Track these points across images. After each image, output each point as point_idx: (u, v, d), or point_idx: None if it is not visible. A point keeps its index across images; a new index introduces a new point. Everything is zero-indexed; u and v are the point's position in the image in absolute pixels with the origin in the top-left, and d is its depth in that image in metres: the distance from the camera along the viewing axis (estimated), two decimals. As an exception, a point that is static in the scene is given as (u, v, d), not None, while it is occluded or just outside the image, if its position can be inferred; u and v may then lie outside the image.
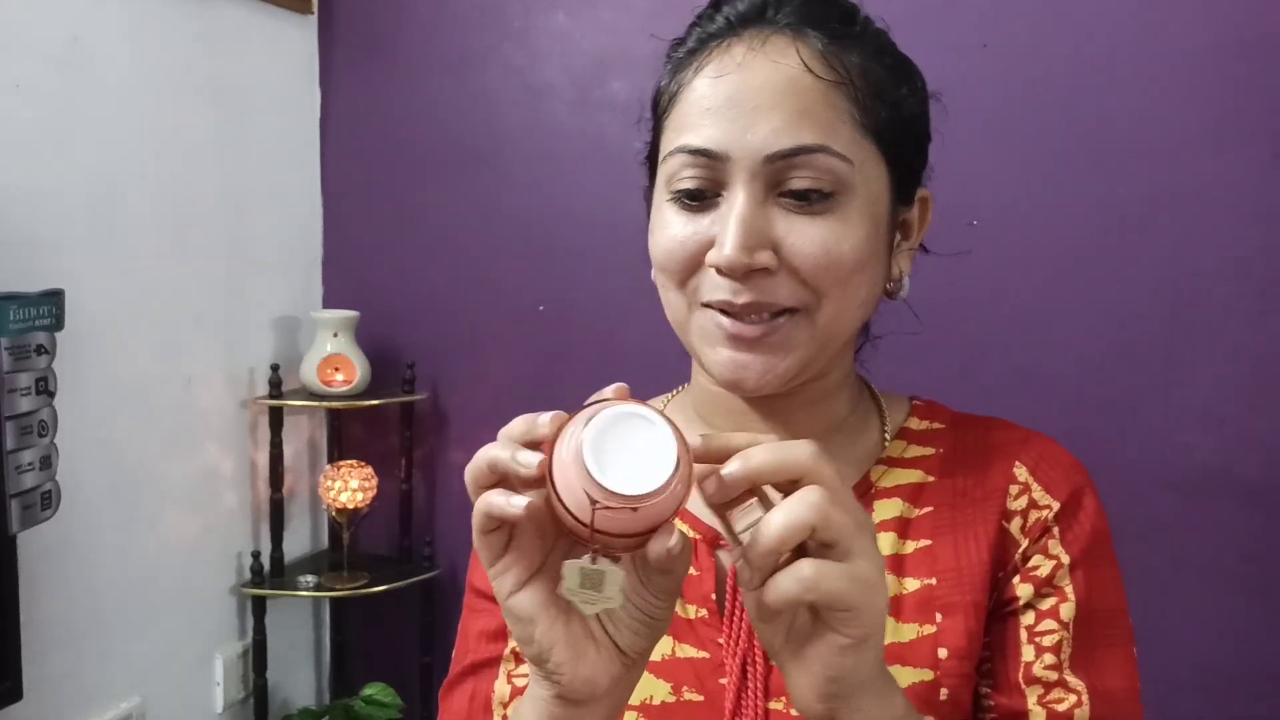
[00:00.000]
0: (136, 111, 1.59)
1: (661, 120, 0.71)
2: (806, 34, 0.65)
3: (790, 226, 0.63)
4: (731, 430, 0.71)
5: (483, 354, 1.95)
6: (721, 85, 0.65)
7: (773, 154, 0.63)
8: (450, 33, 1.93)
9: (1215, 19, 1.49)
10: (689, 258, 0.66)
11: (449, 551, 1.99)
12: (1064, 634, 0.66)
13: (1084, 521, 0.69)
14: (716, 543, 0.70)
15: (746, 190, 0.63)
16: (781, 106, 0.63)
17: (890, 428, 0.74)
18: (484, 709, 0.72)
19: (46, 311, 1.30)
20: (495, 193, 1.92)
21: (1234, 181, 1.50)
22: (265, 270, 1.90)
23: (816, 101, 0.63)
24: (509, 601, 0.53)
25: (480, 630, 0.75)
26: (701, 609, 0.69)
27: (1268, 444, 1.50)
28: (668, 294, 0.69)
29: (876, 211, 0.66)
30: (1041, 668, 0.66)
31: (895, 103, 0.67)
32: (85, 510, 1.50)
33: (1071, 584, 0.67)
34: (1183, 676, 1.54)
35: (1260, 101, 1.48)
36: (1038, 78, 1.57)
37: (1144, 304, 1.55)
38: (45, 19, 1.44)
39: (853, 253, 0.64)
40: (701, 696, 0.67)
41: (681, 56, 0.70)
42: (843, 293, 0.65)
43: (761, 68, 0.64)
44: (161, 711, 1.68)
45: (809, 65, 0.64)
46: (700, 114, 0.65)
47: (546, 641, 0.52)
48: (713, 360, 0.66)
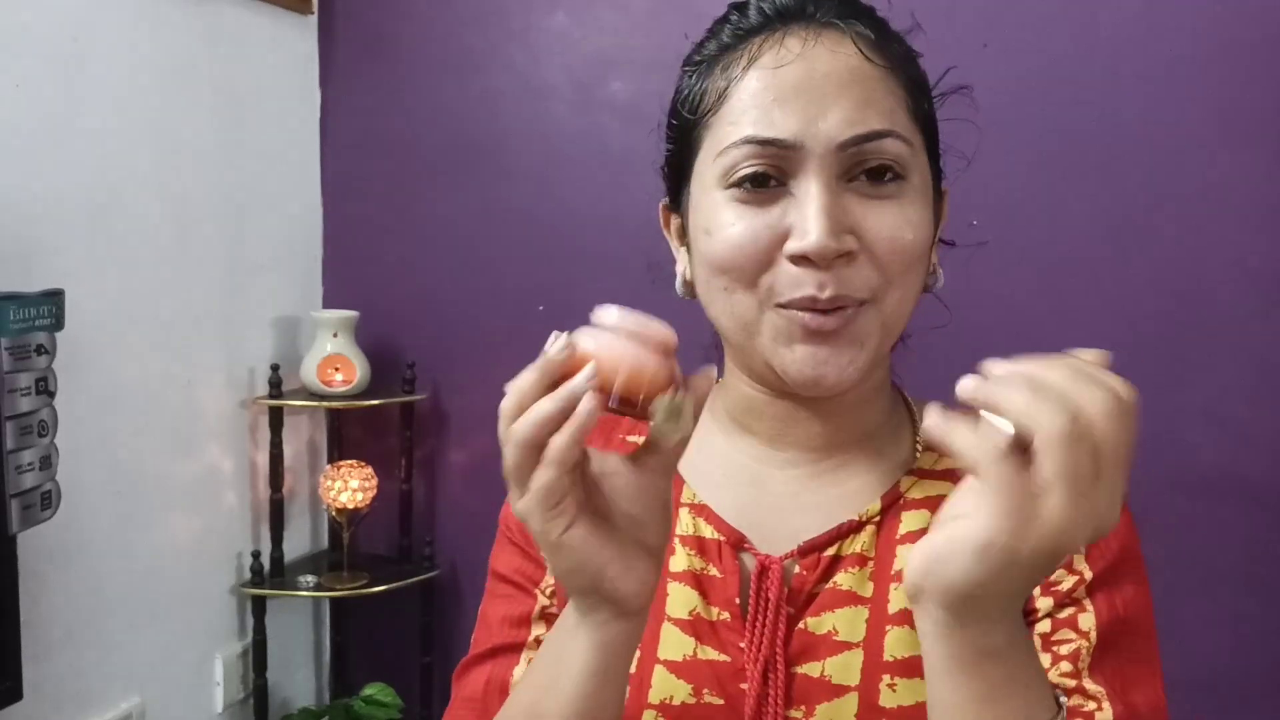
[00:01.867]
0: (136, 111, 1.59)
1: (704, 120, 0.68)
2: (854, 25, 0.66)
3: (866, 211, 0.64)
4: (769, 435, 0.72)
5: (483, 354, 1.95)
6: (782, 75, 0.64)
7: (846, 140, 0.63)
8: (450, 33, 1.93)
9: (1216, 19, 1.49)
10: (763, 251, 0.64)
11: (449, 551, 1.99)
12: (1082, 643, 0.65)
13: (1110, 539, 0.68)
14: (741, 545, 0.70)
15: (819, 180, 0.63)
16: (848, 95, 0.63)
17: (924, 437, 0.73)
18: (499, 692, 0.71)
19: (46, 311, 1.30)
20: (496, 193, 1.92)
21: (1237, 182, 1.50)
22: (265, 270, 1.90)
23: (878, 88, 0.64)
24: (563, 538, 0.54)
25: (504, 615, 0.74)
26: (724, 612, 0.69)
27: (1272, 444, 1.50)
28: (732, 297, 0.66)
29: (928, 198, 0.67)
30: (1058, 675, 0.64)
31: (927, 94, 0.69)
32: (85, 510, 1.50)
33: (1091, 599, 0.66)
34: (1186, 676, 1.54)
35: (1263, 102, 1.48)
36: (1038, 78, 1.57)
37: (1147, 304, 1.55)
38: (45, 19, 1.43)
39: (918, 237, 0.65)
40: (721, 700, 0.67)
41: (714, 53, 0.69)
42: (906, 279, 0.65)
43: (823, 57, 0.64)
44: (161, 711, 1.68)
45: (866, 53, 0.65)
46: (764, 105, 0.64)
47: (599, 563, 0.55)
48: (789, 359, 0.65)
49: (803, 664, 0.67)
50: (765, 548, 0.69)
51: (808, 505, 0.71)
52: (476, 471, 1.98)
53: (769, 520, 0.71)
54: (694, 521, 0.72)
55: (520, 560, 0.75)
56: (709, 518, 0.72)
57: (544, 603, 0.73)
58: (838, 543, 0.69)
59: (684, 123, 0.70)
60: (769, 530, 0.70)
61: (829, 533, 0.69)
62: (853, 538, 0.69)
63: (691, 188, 0.69)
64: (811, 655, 0.67)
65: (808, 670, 0.66)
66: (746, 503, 0.72)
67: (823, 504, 0.70)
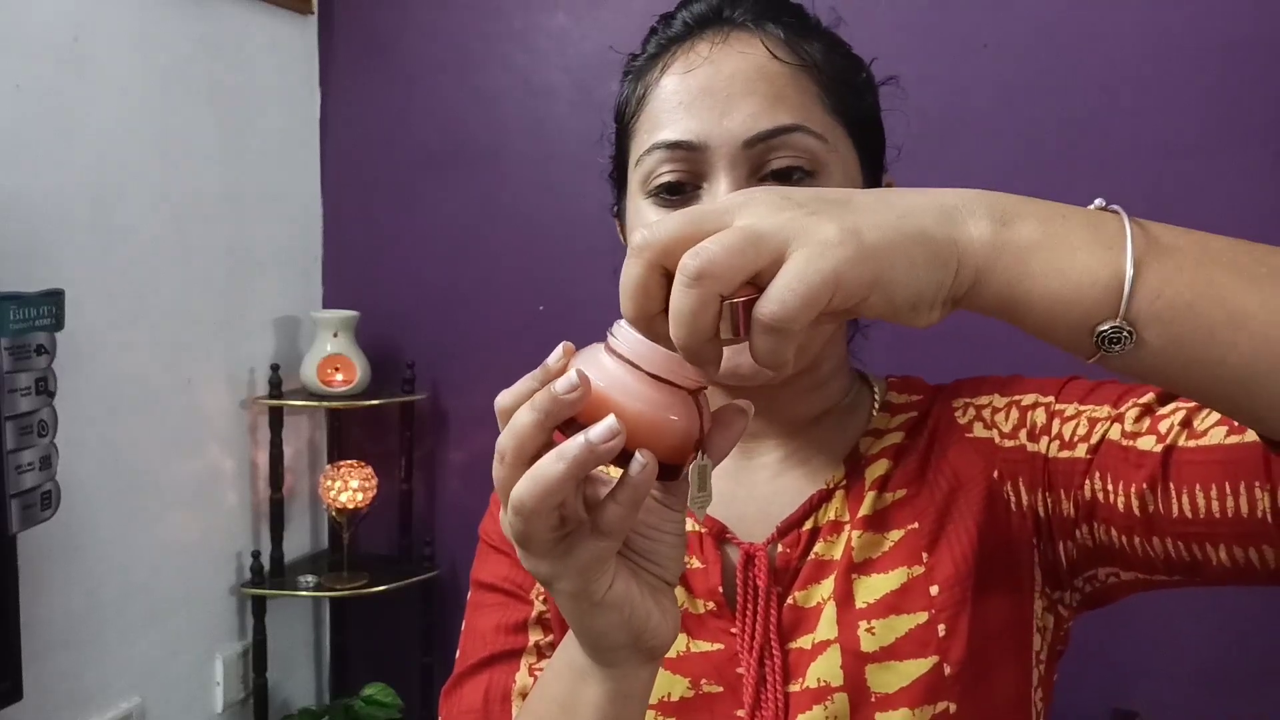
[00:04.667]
0: (136, 112, 1.59)
1: (629, 127, 0.71)
2: (767, 26, 0.67)
3: None
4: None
5: (483, 354, 1.95)
6: (690, 79, 0.65)
7: (752, 137, 0.63)
8: (450, 33, 1.93)
9: (1215, 19, 1.49)
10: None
11: (449, 551, 1.99)
12: (1111, 410, 0.64)
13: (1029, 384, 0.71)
14: (723, 535, 0.71)
15: (728, 179, 0.64)
16: (754, 92, 0.64)
17: (877, 403, 0.75)
18: (502, 700, 0.70)
19: (46, 311, 1.30)
20: (495, 193, 1.92)
21: (1234, 182, 1.50)
22: (265, 270, 1.90)
23: (787, 85, 0.65)
24: (608, 597, 0.49)
25: (497, 624, 0.74)
26: (709, 602, 0.70)
27: (1268, 444, 1.50)
28: None
29: None
30: (1130, 422, 0.62)
31: (857, 88, 0.69)
32: (85, 510, 1.50)
33: (1071, 404, 0.67)
34: (1186, 672, 1.55)
35: (1261, 102, 1.48)
36: (1038, 78, 1.58)
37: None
38: (46, 19, 1.44)
39: None
40: (720, 687, 0.68)
41: (642, 64, 0.71)
42: None
43: (729, 59, 0.65)
44: (161, 711, 1.68)
45: (775, 52, 0.65)
46: (672, 109, 0.66)
47: (644, 612, 0.51)
48: None
49: (795, 639, 0.68)
50: (746, 537, 0.71)
51: (779, 489, 0.72)
52: (476, 471, 1.98)
53: (743, 509, 0.72)
54: None
55: (508, 568, 0.75)
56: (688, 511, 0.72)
57: (540, 609, 0.74)
58: (812, 515, 0.70)
59: (617, 131, 0.73)
60: (745, 518, 0.71)
61: (801, 508, 0.70)
62: (825, 507, 0.70)
63: (626, 194, 0.71)
64: (803, 628, 0.68)
65: (800, 644, 0.68)
66: (721, 496, 0.72)
67: (792, 484, 0.72)
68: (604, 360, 0.44)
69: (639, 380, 0.43)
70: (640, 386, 0.43)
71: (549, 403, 0.44)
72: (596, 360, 0.44)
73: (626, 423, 0.42)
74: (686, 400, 0.44)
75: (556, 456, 0.43)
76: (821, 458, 0.73)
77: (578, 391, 0.43)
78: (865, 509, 0.69)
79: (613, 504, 0.45)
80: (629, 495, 0.45)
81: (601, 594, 0.49)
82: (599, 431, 0.43)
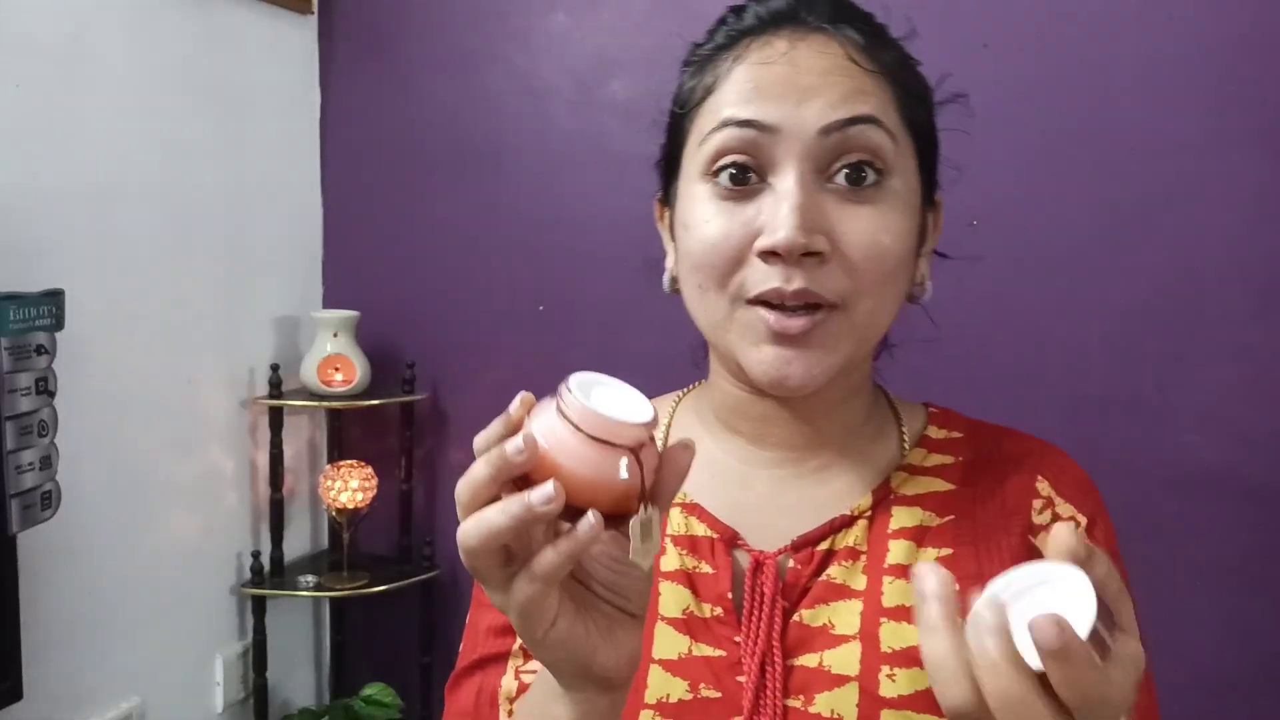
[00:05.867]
0: (136, 111, 1.59)
1: (691, 114, 0.69)
2: (844, 30, 0.66)
3: (842, 214, 0.63)
4: (753, 435, 0.73)
5: (483, 354, 1.95)
6: (768, 71, 0.64)
7: (828, 125, 0.62)
8: (450, 33, 1.93)
9: (1215, 19, 1.49)
10: (734, 251, 0.64)
11: (449, 551, 1.99)
12: None
13: (1107, 539, 0.70)
14: (734, 542, 0.71)
15: (798, 171, 0.63)
16: (834, 85, 0.63)
17: (909, 435, 0.74)
18: (490, 704, 0.72)
19: (46, 311, 1.30)
20: (495, 193, 1.92)
21: (1234, 181, 1.50)
22: (265, 270, 1.90)
23: (865, 83, 0.64)
24: (548, 637, 0.51)
25: (489, 626, 0.75)
26: (717, 608, 0.69)
27: (1268, 444, 1.50)
28: (705, 295, 0.66)
29: (913, 205, 0.67)
30: None
31: (923, 100, 0.69)
32: (85, 510, 1.50)
33: None
34: (1182, 676, 1.54)
35: (1261, 101, 1.48)
36: (1038, 78, 1.57)
37: (1144, 304, 1.55)
38: (45, 19, 1.43)
39: (896, 245, 0.64)
40: (719, 693, 0.67)
41: (709, 53, 0.69)
42: (882, 288, 0.65)
43: (808, 56, 0.64)
44: (161, 711, 1.68)
45: (853, 55, 0.64)
46: (745, 93, 0.64)
47: (588, 649, 0.52)
48: (755, 359, 0.65)
49: (799, 655, 0.67)
50: (757, 545, 0.70)
51: (795, 504, 0.71)
52: (476, 471, 1.98)
53: (758, 519, 0.71)
54: (686, 521, 0.73)
55: None
56: (701, 516, 0.72)
57: None
58: (830, 537, 0.70)
59: (674, 117, 0.71)
60: (759, 529, 0.71)
61: (821, 528, 0.70)
62: (845, 532, 0.69)
63: (679, 181, 0.70)
64: (807, 647, 0.67)
65: (804, 661, 0.67)
66: (735, 502, 0.72)
67: (810, 502, 0.71)
68: (553, 420, 0.48)
69: (580, 442, 0.47)
70: (582, 448, 0.47)
71: (500, 461, 0.48)
72: (548, 418, 0.48)
73: (567, 482, 0.47)
74: (626, 458, 0.47)
75: (500, 509, 0.47)
76: (846, 481, 0.72)
77: (523, 456, 0.47)
78: (900, 557, 0.68)
79: (550, 551, 0.48)
80: (567, 548, 0.48)
81: (542, 633, 0.51)
82: (538, 495, 0.46)
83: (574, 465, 0.47)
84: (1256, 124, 1.49)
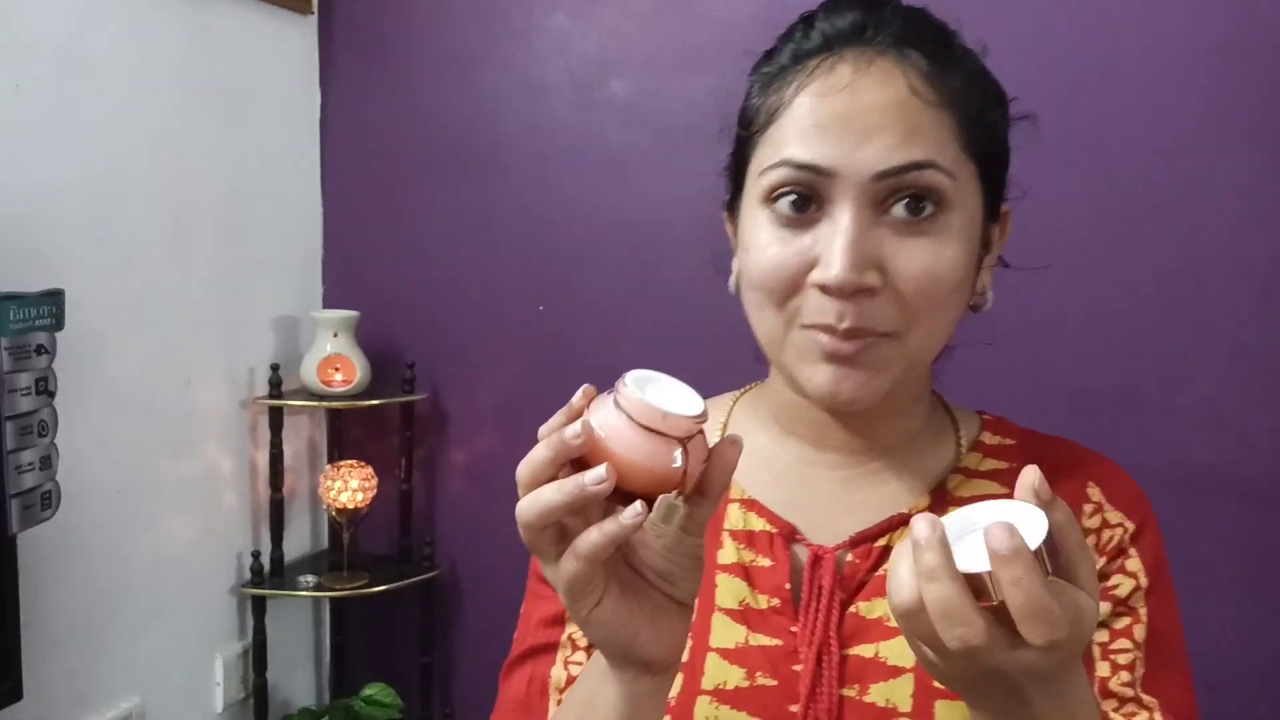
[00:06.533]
0: (136, 111, 1.59)
1: (755, 136, 0.69)
2: (910, 55, 0.65)
3: (897, 247, 0.64)
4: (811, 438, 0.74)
5: (483, 354, 1.95)
6: (828, 104, 0.64)
7: (884, 170, 0.63)
8: (450, 33, 1.93)
9: (1215, 19, 1.49)
10: (790, 278, 0.65)
11: (449, 551, 1.99)
12: (1137, 654, 0.69)
13: (1155, 547, 0.72)
14: (793, 536, 0.72)
15: (854, 208, 0.63)
16: (892, 126, 0.63)
17: (965, 440, 0.76)
18: (540, 692, 0.74)
19: (46, 311, 1.30)
20: (495, 193, 1.92)
21: (1235, 181, 1.50)
22: (265, 270, 1.90)
23: (924, 121, 0.64)
24: (593, 615, 0.55)
25: (541, 617, 0.77)
26: (774, 598, 0.71)
27: (1268, 444, 1.50)
28: (762, 313, 0.68)
29: (972, 231, 0.67)
30: (1118, 684, 0.67)
31: (991, 123, 0.69)
32: (85, 510, 1.50)
33: (1146, 606, 0.70)
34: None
35: (1261, 101, 1.48)
36: (1038, 78, 1.57)
37: (1144, 303, 1.55)
38: (45, 19, 1.44)
39: (951, 274, 0.65)
40: (775, 681, 0.69)
41: (773, 72, 0.69)
42: (935, 316, 0.66)
43: (869, 89, 0.64)
44: (161, 711, 1.68)
45: (915, 88, 0.64)
46: (805, 130, 0.65)
47: (632, 632, 0.56)
48: (809, 377, 0.66)
49: (854, 646, 0.69)
50: (815, 541, 0.72)
51: (853, 503, 0.73)
52: (476, 471, 1.98)
53: (816, 516, 0.73)
54: (744, 516, 0.75)
55: None
56: (760, 512, 0.74)
57: None
58: (888, 534, 0.71)
59: (740, 136, 0.72)
60: (817, 525, 0.73)
61: (880, 525, 0.71)
62: (902, 530, 0.71)
63: (742, 198, 0.71)
64: (863, 638, 0.69)
65: (860, 651, 0.69)
66: (794, 499, 0.74)
67: (868, 502, 0.73)
68: (610, 410, 0.52)
69: (633, 430, 0.51)
70: (634, 436, 0.51)
71: (558, 443, 0.52)
72: (605, 409, 0.53)
73: (619, 467, 0.51)
74: (675, 448, 0.52)
75: (555, 487, 0.51)
76: (903, 481, 0.73)
77: (580, 440, 0.51)
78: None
79: (595, 531, 0.52)
80: (611, 529, 0.51)
81: (586, 610, 0.55)
82: (591, 476, 0.51)
83: (626, 452, 0.51)
84: (1257, 123, 1.49)
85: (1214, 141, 1.50)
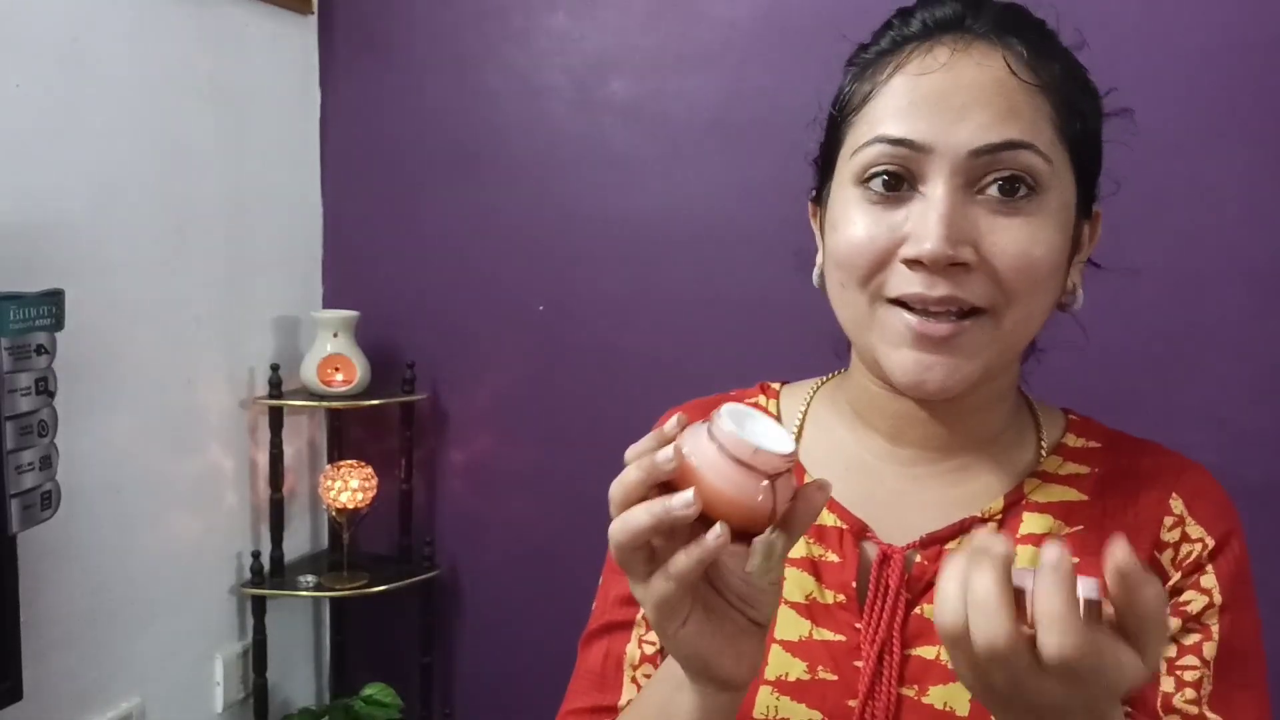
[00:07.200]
0: (136, 111, 1.59)
1: (849, 119, 0.69)
2: (1009, 40, 0.65)
3: (991, 225, 0.63)
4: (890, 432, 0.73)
5: (483, 354, 1.95)
6: (925, 82, 0.64)
7: (979, 148, 0.62)
8: (450, 33, 1.93)
9: (1216, 19, 1.49)
10: (879, 254, 0.65)
11: (449, 551, 1.99)
12: (1205, 671, 0.67)
13: (1235, 563, 0.70)
14: (863, 534, 0.72)
15: (948, 185, 0.63)
16: (989, 104, 0.63)
17: (1047, 442, 0.75)
18: (616, 668, 0.76)
19: (46, 311, 1.30)
20: (495, 193, 1.92)
21: (1236, 182, 1.50)
22: (265, 270, 1.90)
23: (1021, 102, 0.64)
24: (679, 634, 0.55)
25: (617, 594, 0.78)
26: (840, 594, 0.71)
27: (1269, 444, 1.50)
28: (846, 292, 0.67)
29: (1065, 219, 0.67)
30: (1182, 700, 0.66)
31: (1086, 115, 0.69)
32: (85, 510, 1.50)
33: (1218, 623, 0.68)
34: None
35: (1262, 102, 1.48)
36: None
37: (1145, 304, 1.55)
38: (45, 19, 1.44)
39: (1047, 257, 0.64)
40: (836, 676, 0.69)
41: (871, 57, 0.69)
42: (1031, 298, 0.65)
43: (967, 68, 0.64)
44: (161, 711, 1.68)
45: (1014, 69, 0.64)
46: (901, 108, 0.64)
47: (713, 651, 0.56)
48: (895, 361, 0.65)
49: (917, 646, 0.68)
50: (886, 539, 0.71)
51: (927, 502, 0.72)
52: (476, 471, 1.98)
53: (888, 514, 0.72)
54: None
55: None
56: (831, 507, 0.73)
57: None
58: (959, 537, 0.70)
59: (832, 120, 0.72)
60: (889, 523, 0.72)
61: (951, 526, 0.71)
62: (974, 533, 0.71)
63: (832, 182, 0.71)
64: (926, 639, 0.68)
65: (922, 652, 0.68)
66: (867, 495, 0.73)
67: (942, 502, 0.72)
68: (703, 440, 0.54)
69: (724, 461, 0.52)
70: (724, 467, 0.52)
71: (650, 466, 0.53)
72: (698, 439, 0.54)
73: (707, 496, 0.52)
74: (763, 483, 0.53)
75: (645, 509, 0.52)
76: (980, 484, 0.72)
77: (671, 465, 0.53)
78: (1025, 563, 0.68)
79: (683, 554, 0.52)
80: (697, 553, 0.52)
81: (673, 630, 0.55)
82: (679, 500, 0.51)
83: (715, 481, 0.52)
84: (1258, 124, 1.48)
85: (1216, 142, 1.50)
